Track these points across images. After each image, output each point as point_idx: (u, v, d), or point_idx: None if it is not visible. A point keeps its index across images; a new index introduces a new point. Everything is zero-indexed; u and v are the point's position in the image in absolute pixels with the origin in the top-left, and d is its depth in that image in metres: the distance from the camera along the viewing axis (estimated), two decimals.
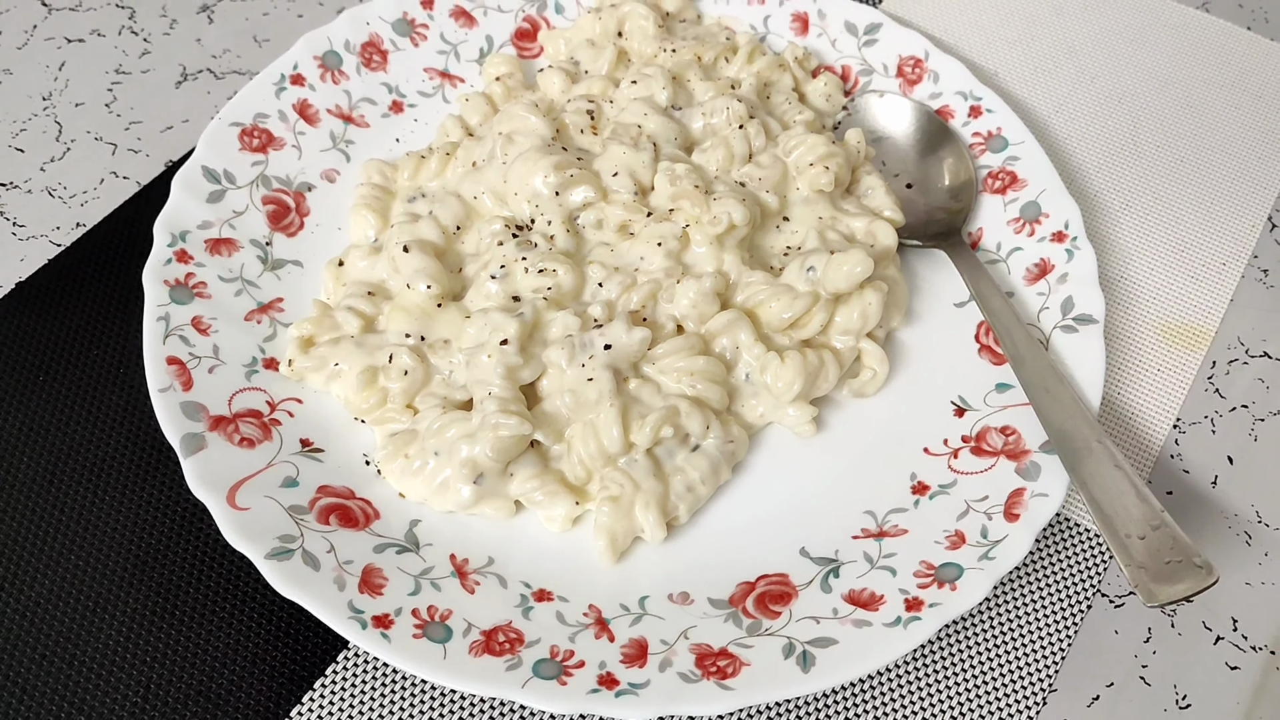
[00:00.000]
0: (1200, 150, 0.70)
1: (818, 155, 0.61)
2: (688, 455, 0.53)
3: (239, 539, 0.48)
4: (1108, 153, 0.70)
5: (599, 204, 0.58)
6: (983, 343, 0.59)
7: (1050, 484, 0.52)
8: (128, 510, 0.54)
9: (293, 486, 0.51)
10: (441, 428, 0.52)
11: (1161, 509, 0.49)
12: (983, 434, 0.55)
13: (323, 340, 0.56)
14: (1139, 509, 0.50)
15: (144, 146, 0.67)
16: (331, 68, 0.66)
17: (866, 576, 0.51)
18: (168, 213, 0.58)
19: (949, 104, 0.67)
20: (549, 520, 0.53)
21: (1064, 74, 0.74)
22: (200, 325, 0.55)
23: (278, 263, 0.60)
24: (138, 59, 0.72)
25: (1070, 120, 0.71)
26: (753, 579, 0.51)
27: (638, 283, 0.56)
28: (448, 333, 0.55)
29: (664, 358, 0.54)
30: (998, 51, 0.74)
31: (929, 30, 0.75)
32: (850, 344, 0.57)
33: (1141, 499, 0.50)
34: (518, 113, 0.61)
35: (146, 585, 0.52)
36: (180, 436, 0.51)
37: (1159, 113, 0.72)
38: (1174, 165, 0.69)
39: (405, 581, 0.49)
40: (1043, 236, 0.61)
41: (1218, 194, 0.68)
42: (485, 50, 0.70)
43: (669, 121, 0.61)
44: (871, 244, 0.59)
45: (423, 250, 0.57)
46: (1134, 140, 0.70)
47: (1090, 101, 0.72)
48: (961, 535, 0.51)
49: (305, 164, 0.64)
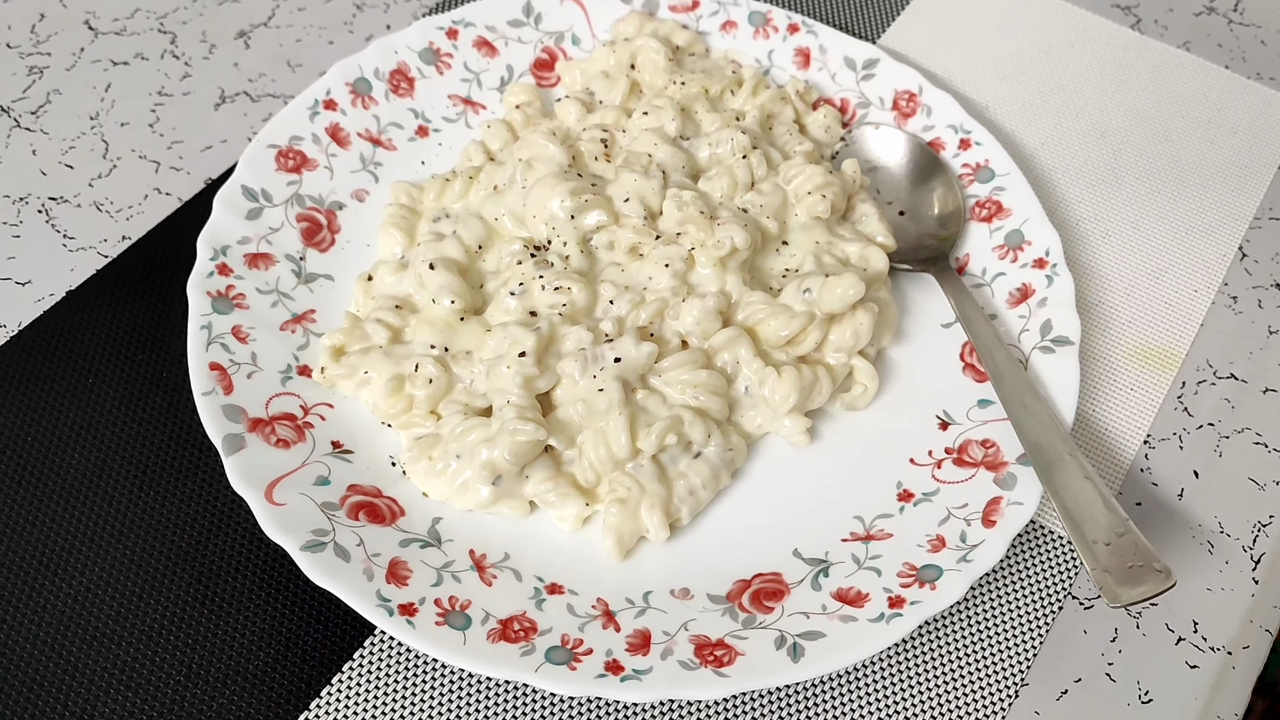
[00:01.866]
0: (1177, 183, 0.74)
1: (815, 184, 0.65)
2: (690, 461, 0.57)
3: (276, 532, 0.51)
4: (1090, 184, 0.73)
5: (611, 227, 0.62)
6: (966, 361, 0.63)
7: (1025, 493, 0.55)
8: (171, 504, 0.57)
9: (325, 485, 0.55)
10: (463, 432, 0.55)
11: (1126, 517, 0.53)
12: (964, 446, 0.59)
13: (353, 350, 0.59)
14: (1106, 517, 0.53)
15: (185, 165, 0.71)
16: (362, 93, 0.70)
17: (854, 576, 0.54)
18: (210, 229, 0.62)
19: (940, 136, 0.71)
20: (561, 520, 0.56)
21: (1051, 108, 0.78)
22: (240, 334, 0.59)
23: (311, 276, 0.64)
24: (179, 81, 0.76)
25: (1056, 153, 0.75)
26: (749, 577, 0.55)
27: (646, 301, 0.60)
28: (469, 344, 0.59)
29: (669, 371, 0.58)
30: (989, 86, 0.78)
31: (924, 65, 0.79)
32: (843, 360, 0.61)
33: (1108, 508, 0.54)
34: (537, 140, 0.65)
35: (189, 574, 0.55)
36: (222, 437, 0.54)
37: (1139, 146, 0.76)
38: (1152, 196, 0.73)
39: (428, 574, 0.53)
40: (1025, 263, 0.65)
41: (1192, 224, 0.72)
42: (506, 79, 0.74)
43: (677, 151, 0.65)
44: (864, 268, 0.63)
45: (447, 267, 0.60)
46: (1115, 172, 0.74)
47: (1075, 135, 0.76)
48: (942, 539, 0.55)
49: (337, 184, 0.67)
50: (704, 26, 0.76)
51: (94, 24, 0.79)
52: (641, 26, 0.74)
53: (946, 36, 0.81)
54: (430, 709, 0.52)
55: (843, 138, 0.72)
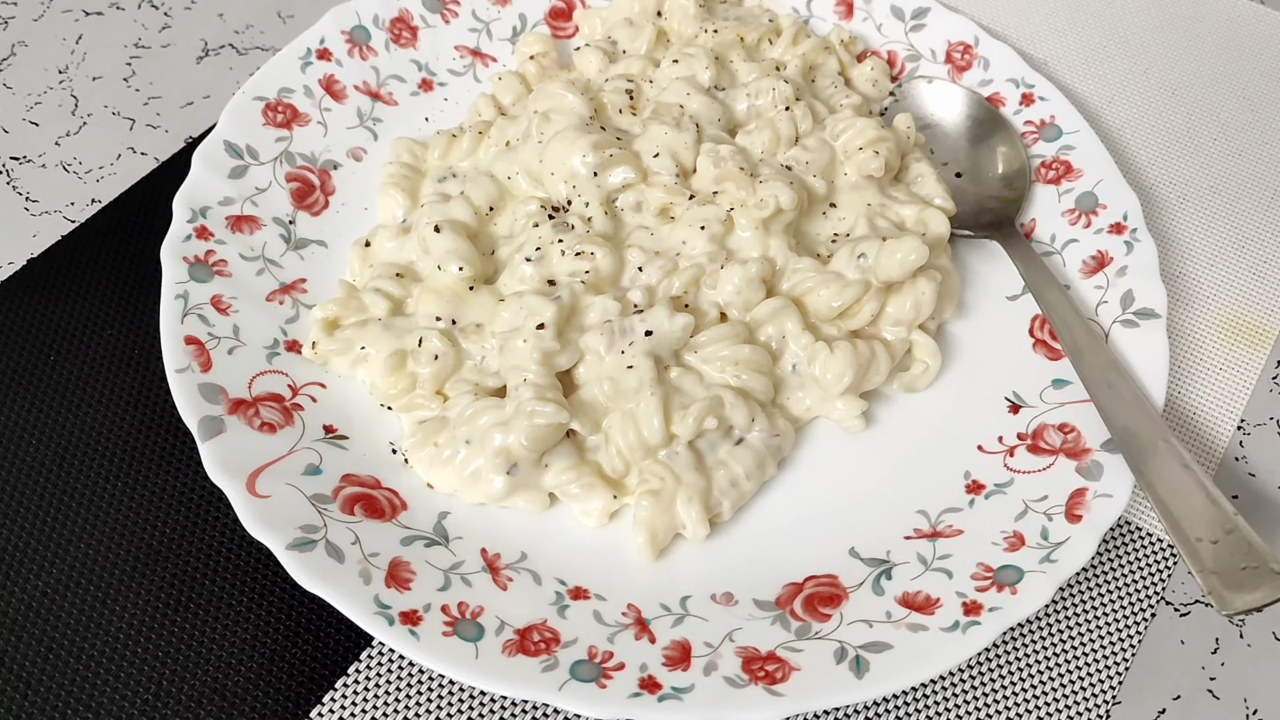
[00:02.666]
0: (1259, 144, 0.68)
1: (867, 139, 0.59)
2: (731, 449, 0.51)
3: (259, 528, 0.46)
4: (1163, 145, 0.67)
5: (639, 185, 0.56)
6: (1038, 337, 0.57)
7: (1114, 484, 0.50)
8: (141, 497, 0.52)
9: (315, 474, 0.49)
10: (473, 415, 0.50)
11: (1234, 512, 0.47)
12: (1039, 431, 0.53)
13: (348, 323, 0.54)
14: (1210, 512, 0.47)
15: (163, 122, 0.65)
16: (359, 43, 0.64)
17: (921, 579, 0.48)
18: (188, 187, 0.57)
19: (1000, 91, 0.65)
20: (585, 514, 0.51)
21: (1116, 65, 0.71)
22: (220, 305, 0.53)
23: (301, 242, 0.58)
24: (158, 33, 0.70)
25: (1123, 112, 0.69)
26: (800, 580, 0.49)
27: (679, 268, 0.54)
28: (480, 316, 0.53)
29: (707, 346, 0.52)
30: (1047, 40, 0.72)
31: (978, 18, 0.72)
32: (902, 335, 0.55)
33: (1212, 501, 0.47)
34: (555, 90, 0.59)
35: (159, 576, 0.49)
36: (198, 419, 0.49)
37: (1215, 105, 0.69)
38: (1232, 159, 0.67)
39: (434, 576, 0.47)
40: (1100, 228, 0.59)
41: (1278, 188, 0.65)
42: (518, 29, 0.68)
43: (712, 102, 0.59)
44: (923, 232, 0.57)
45: (454, 231, 0.55)
46: (1190, 133, 0.68)
47: (1144, 93, 0.70)
48: (1020, 536, 0.49)
49: (331, 141, 0.62)
50: None
51: None
52: None
53: None
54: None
55: (892, 93, 0.66)
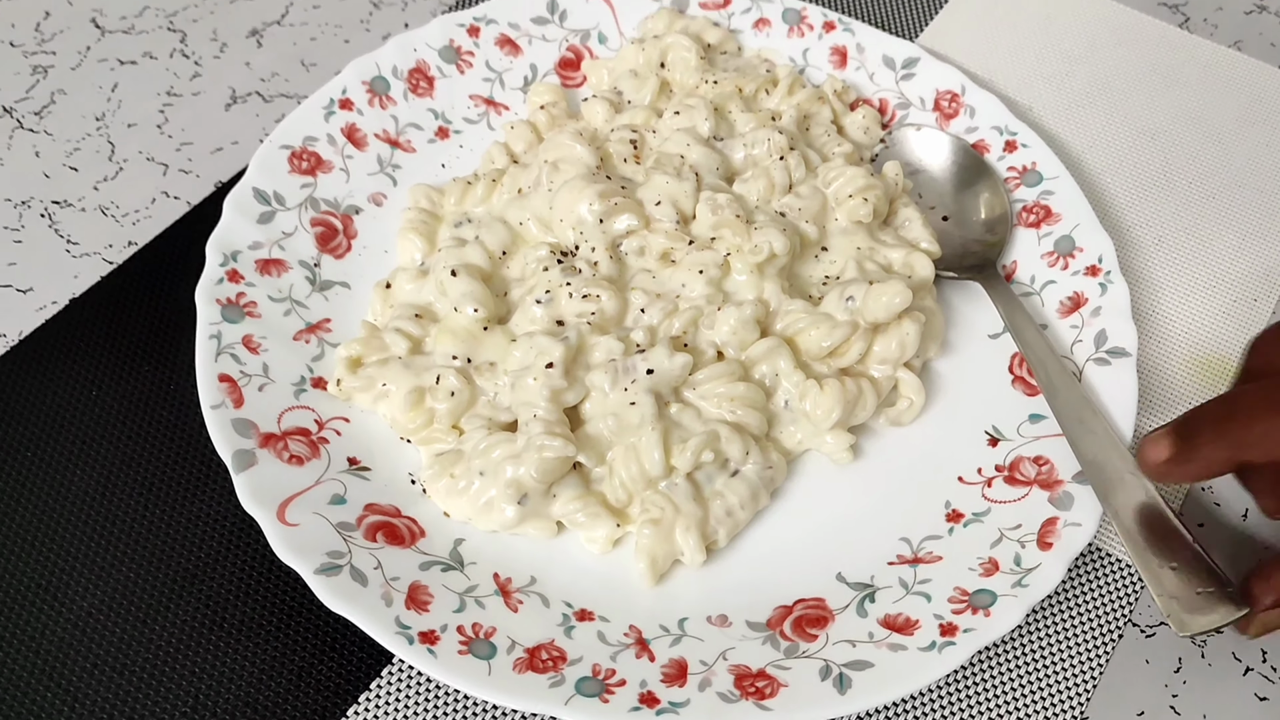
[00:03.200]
0: (1232, 186, 0.71)
1: (856, 187, 0.62)
2: (727, 480, 0.55)
3: (289, 554, 0.49)
4: (1140, 188, 0.71)
5: (642, 232, 0.60)
6: (1016, 374, 0.60)
7: (1083, 514, 0.53)
8: (178, 524, 0.55)
9: (340, 504, 0.53)
10: (487, 448, 0.53)
11: (1193, 539, 0.50)
12: (1016, 463, 0.56)
13: (370, 361, 0.57)
14: (1171, 540, 0.51)
15: (194, 167, 0.69)
16: (379, 93, 0.68)
17: (902, 602, 0.52)
18: (220, 233, 0.60)
19: (985, 138, 0.69)
20: (590, 541, 0.54)
21: (1098, 110, 0.75)
22: (251, 344, 0.57)
23: (326, 284, 0.61)
24: (188, 81, 0.74)
25: (1103, 156, 0.72)
26: (790, 603, 0.52)
27: (679, 309, 0.58)
28: (493, 355, 0.57)
29: (705, 383, 0.56)
30: (1033, 87, 0.76)
31: (966, 65, 0.76)
32: (888, 373, 0.58)
33: (1173, 530, 0.51)
34: (563, 141, 0.63)
35: (196, 597, 0.53)
36: (232, 452, 0.52)
37: (1191, 149, 0.73)
38: (1206, 201, 0.70)
39: (450, 599, 0.50)
40: (1076, 270, 0.62)
41: (1249, 230, 0.69)
42: (529, 78, 0.72)
43: (711, 152, 0.63)
44: (909, 275, 0.61)
45: (470, 274, 0.58)
46: (1166, 176, 0.71)
47: (1123, 137, 0.73)
48: (995, 562, 0.52)
49: (353, 187, 0.65)
50: (736, 24, 0.74)
51: (101, 22, 0.77)
52: (671, 23, 0.71)
53: (988, 35, 0.79)
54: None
55: (882, 139, 0.69)
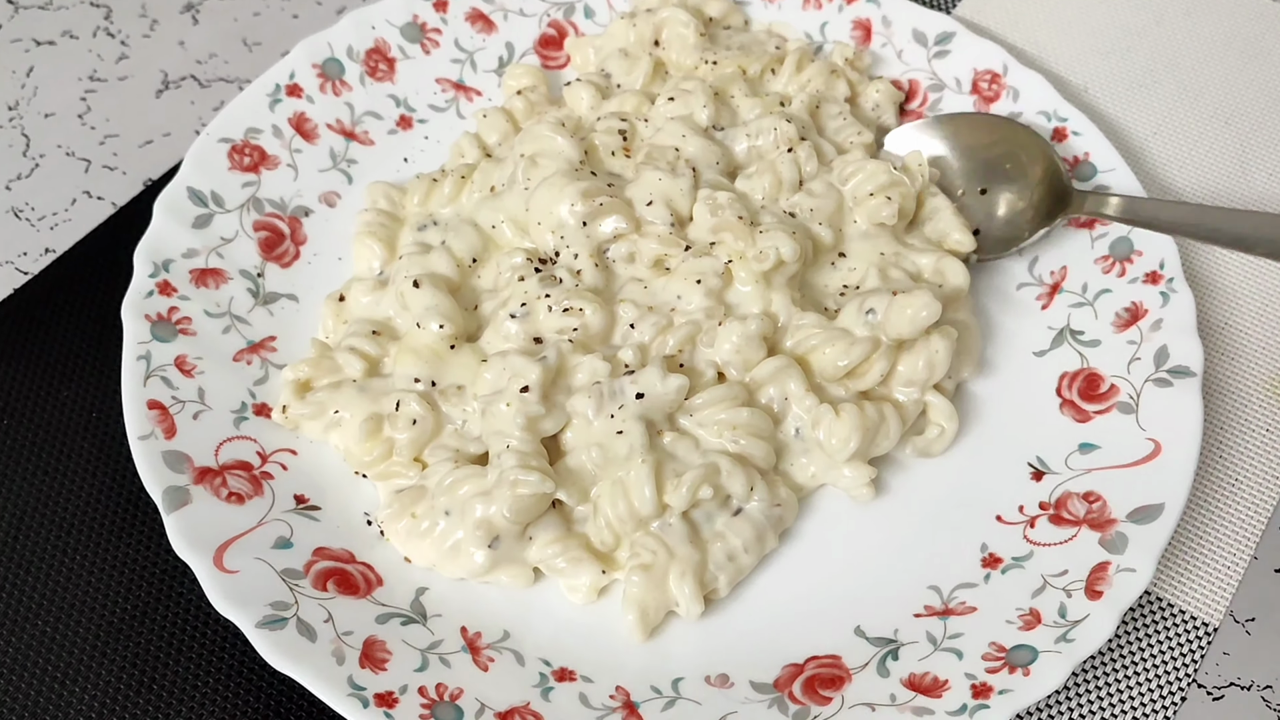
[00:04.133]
0: None
1: (878, 184, 0.65)
2: (729, 520, 0.57)
3: (227, 605, 0.52)
4: (1213, 181, 0.73)
5: (631, 236, 0.62)
6: (1065, 396, 0.62)
7: (1138, 558, 0.55)
8: (101, 570, 0.58)
9: (286, 548, 0.55)
10: (453, 484, 0.56)
11: None
12: (1063, 500, 0.59)
13: (321, 384, 0.60)
14: None
15: (120, 163, 0.72)
16: (332, 77, 0.71)
17: (929, 659, 0.54)
18: (149, 239, 0.63)
19: (1031, 124, 0.71)
20: (571, 590, 0.56)
21: (1164, 90, 0.77)
22: (184, 366, 0.60)
23: (270, 296, 0.64)
24: (114, 64, 0.77)
25: (1170, 143, 0.75)
26: (801, 660, 0.55)
27: (674, 324, 0.60)
28: (461, 378, 0.59)
29: (703, 409, 0.58)
30: (1088, 65, 0.79)
31: (1009, 39, 0.79)
32: (914, 396, 0.61)
33: None
34: (542, 133, 0.66)
35: (122, 654, 0.55)
36: (162, 490, 0.55)
37: (1272, 134, 0.75)
38: None
39: (411, 656, 0.53)
40: (1135, 277, 0.65)
41: None
42: (505, 59, 0.75)
43: (710, 144, 0.66)
44: (940, 284, 0.63)
45: (434, 285, 0.61)
46: (1243, 166, 0.74)
47: (1193, 121, 0.76)
48: (1037, 614, 0.54)
49: (302, 185, 0.68)
50: None
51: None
52: None
53: (1035, 5, 0.81)
54: None
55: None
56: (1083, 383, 0.63)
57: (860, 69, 0.74)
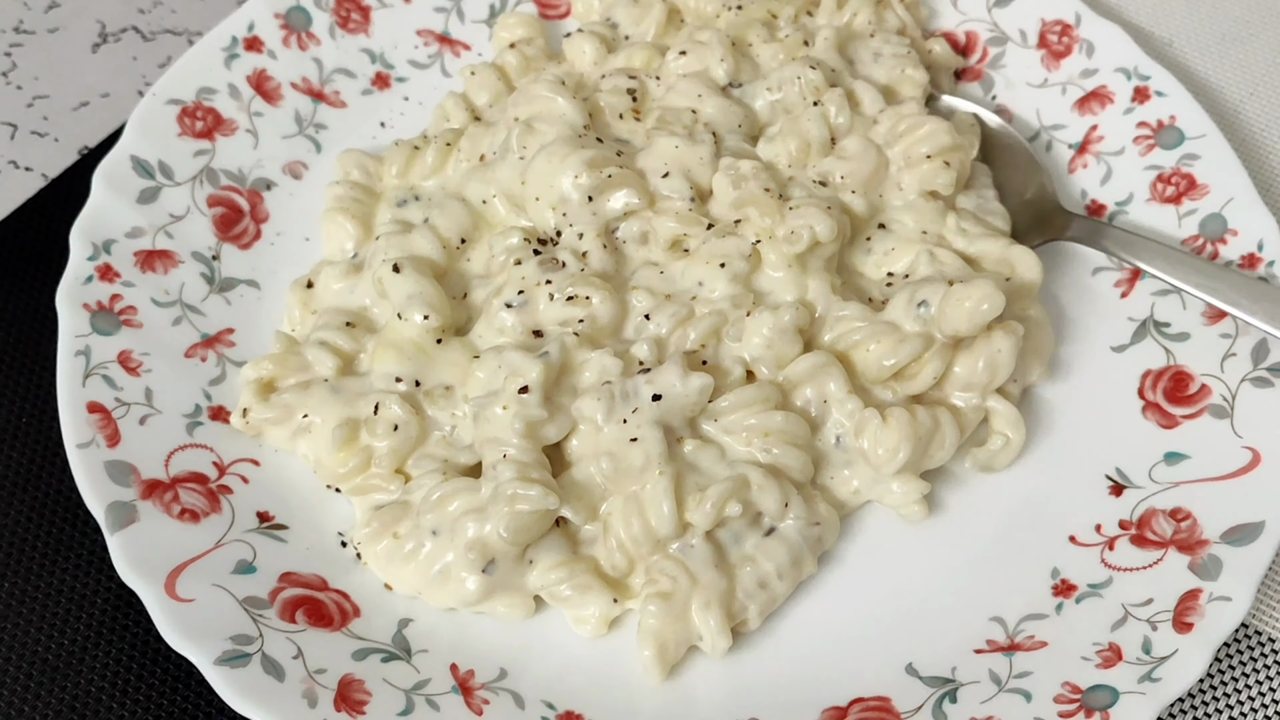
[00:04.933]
0: None
1: (938, 146, 0.65)
2: (760, 541, 0.58)
3: (180, 639, 0.52)
4: None
5: (644, 213, 0.63)
6: (1149, 399, 0.63)
7: (1234, 584, 0.56)
8: (35, 600, 0.59)
9: (249, 573, 0.56)
10: (441, 500, 0.57)
11: None
12: (1147, 518, 0.60)
13: (287, 384, 0.61)
14: None
15: (52, 128, 0.74)
16: (297, 29, 0.72)
17: (992, 701, 0.55)
18: (87, 216, 0.64)
19: (1107, 84, 0.72)
20: (578, 622, 0.57)
21: (1262, 45, 0.79)
22: (129, 363, 0.61)
23: (227, 282, 0.66)
24: (43, 14, 0.78)
25: (1269, 106, 0.76)
26: (844, 703, 0.56)
27: (695, 315, 0.61)
28: (449, 377, 0.61)
29: (729, 413, 0.59)
30: (1173, 16, 0.80)
31: None
32: (974, 402, 0.62)
33: None
34: (540, 93, 0.67)
35: (59, 697, 0.56)
36: (105, 506, 0.56)
37: None
38: None
39: (394, 698, 0.53)
40: (1229, 260, 0.66)
41: None
42: (497, 8, 0.76)
43: (731, 104, 0.67)
44: (1007, 276, 0.64)
45: (417, 270, 0.62)
46: None
47: None
48: (1117, 650, 0.55)
49: (263, 154, 0.70)
50: None
51: None
52: None
53: None
54: None
55: None
56: (1169, 382, 0.64)
57: (919, 19, 0.75)
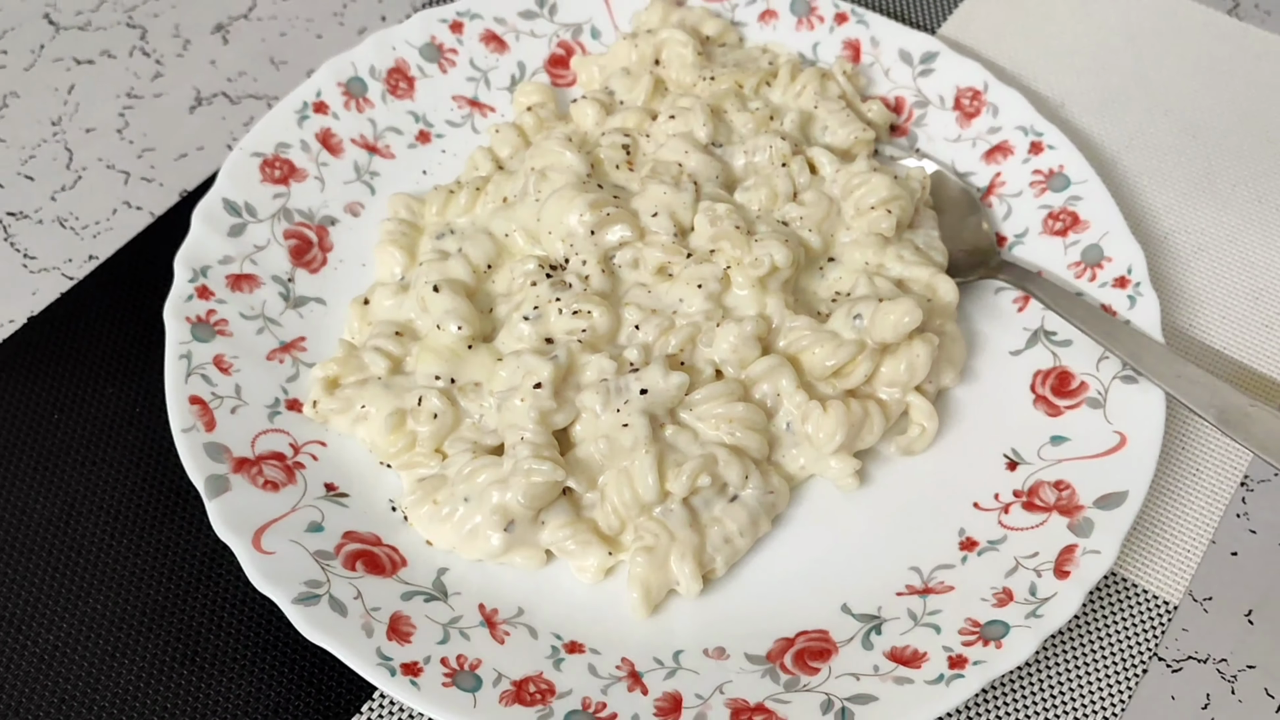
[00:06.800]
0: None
1: (880, 198, 0.69)
2: (726, 506, 0.61)
3: (265, 583, 0.56)
4: (1181, 192, 0.78)
5: (636, 244, 0.67)
6: (1039, 393, 0.67)
7: (1104, 540, 0.59)
8: (147, 553, 0.62)
9: (318, 531, 0.59)
10: (471, 473, 0.60)
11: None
12: (1035, 488, 0.63)
13: (348, 381, 0.64)
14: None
15: (157, 175, 0.77)
16: (356, 95, 0.76)
17: (910, 634, 0.58)
18: (188, 247, 0.67)
19: (1008, 139, 0.76)
20: (580, 571, 0.61)
21: (1136, 106, 0.82)
22: (222, 364, 0.64)
23: (300, 300, 0.69)
24: (150, 82, 0.81)
25: (1142, 156, 0.79)
26: (791, 635, 0.59)
27: (676, 325, 0.64)
28: (478, 375, 0.64)
29: (702, 404, 0.62)
30: (1065, 81, 0.83)
31: (991, 58, 0.83)
32: (896, 396, 0.65)
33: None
34: (551, 147, 0.70)
35: (166, 630, 0.60)
36: (204, 478, 0.59)
37: (1237, 148, 0.80)
38: (1252, 205, 0.77)
39: (433, 630, 0.57)
40: (1104, 282, 0.69)
41: None
42: (517, 77, 0.79)
43: (711, 159, 0.70)
44: (929, 299, 0.67)
45: (453, 290, 0.65)
46: (1209, 178, 0.78)
47: (1164, 136, 0.80)
48: (1009, 592, 0.59)
49: (328, 196, 0.73)
50: (740, 16, 0.81)
51: (55, 18, 0.85)
52: (666, 16, 0.79)
53: (1016, 25, 0.86)
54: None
55: None
56: (1055, 380, 0.67)
57: (859, 88, 0.78)
